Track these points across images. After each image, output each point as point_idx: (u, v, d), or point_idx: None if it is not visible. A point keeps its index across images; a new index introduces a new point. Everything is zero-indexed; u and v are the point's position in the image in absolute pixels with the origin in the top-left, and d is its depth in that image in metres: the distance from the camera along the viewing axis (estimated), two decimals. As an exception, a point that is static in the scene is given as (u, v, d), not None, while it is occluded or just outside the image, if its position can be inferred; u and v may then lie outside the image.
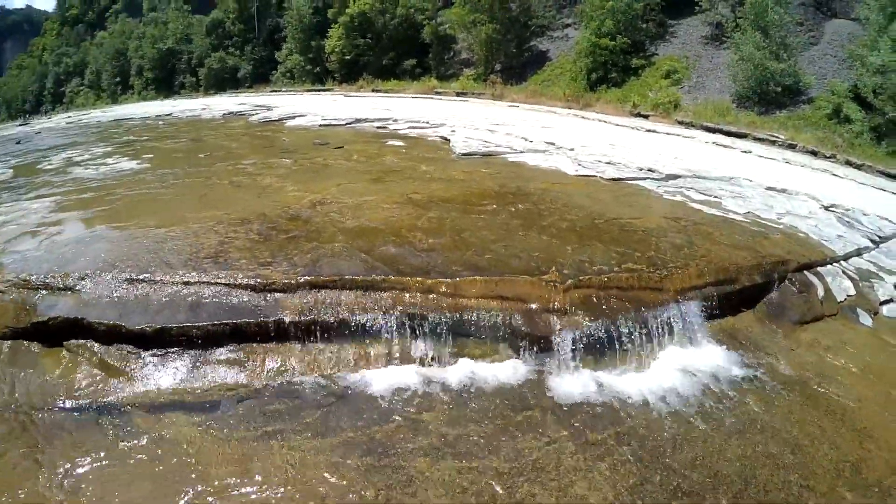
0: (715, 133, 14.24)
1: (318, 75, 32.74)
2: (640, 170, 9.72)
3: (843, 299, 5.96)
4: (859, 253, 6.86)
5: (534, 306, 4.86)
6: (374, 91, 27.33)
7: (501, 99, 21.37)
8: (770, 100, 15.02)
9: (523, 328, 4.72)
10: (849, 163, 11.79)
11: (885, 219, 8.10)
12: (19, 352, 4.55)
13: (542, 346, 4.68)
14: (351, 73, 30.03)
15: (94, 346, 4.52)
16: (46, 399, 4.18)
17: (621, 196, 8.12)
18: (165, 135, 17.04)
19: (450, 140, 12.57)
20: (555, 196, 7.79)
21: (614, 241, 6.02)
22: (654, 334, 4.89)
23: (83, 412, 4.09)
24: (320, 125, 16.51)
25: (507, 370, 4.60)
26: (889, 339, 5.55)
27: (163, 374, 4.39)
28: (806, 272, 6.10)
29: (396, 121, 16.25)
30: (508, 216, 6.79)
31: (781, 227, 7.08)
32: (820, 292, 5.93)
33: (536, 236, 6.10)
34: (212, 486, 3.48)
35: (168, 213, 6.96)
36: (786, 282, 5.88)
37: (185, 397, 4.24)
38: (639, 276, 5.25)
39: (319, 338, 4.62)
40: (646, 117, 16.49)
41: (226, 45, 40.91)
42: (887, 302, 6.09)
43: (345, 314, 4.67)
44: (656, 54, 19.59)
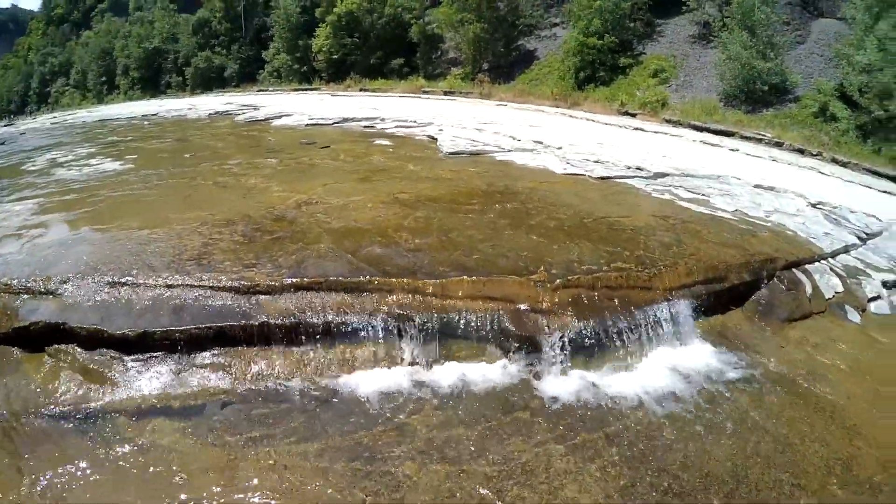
0: (702, 131, 14.25)
1: (305, 74, 32.50)
2: (629, 168, 9.71)
3: (831, 296, 5.97)
4: (847, 250, 6.88)
5: (522, 306, 4.82)
6: (361, 90, 27.19)
7: (489, 98, 21.31)
8: (757, 98, 15.07)
9: (512, 329, 4.67)
10: (835, 160, 11.84)
11: (872, 216, 8.13)
12: (0, 358, 4.44)
13: (530, 347, 4.63)
14: (338, 73, 29.83)
15: (77, 352, 4.43)
16: (28, 406, 4.08)
17: (609, 194, 8.11)
18: (150, 135, 16.88)
19: (437, 139, 12.51)
20: (543, 195, 7.76)
21: (603, 240, 5.99)
22: (643, 334, 4.87)
23: (66, 419, 4.00)
24: (307, 124, 16.40)
25: (496, 371, 4.56)
26: (877, 335, 5.57)
27: (146, 380, 4.30)
28: (794, 270, 6.11)
29: (384, 120, 16.18)
30: (496, 215, 6.75)
31: (769, 224, 7.09)
32: (808, 290, 5.94)
33: (524, 235, 6.06)
34: (197, 494, 3.41)
35: (151, 214, 6.88)
36: (774, 279, 5.89)
37: (168, 403, 4.16)
38: (628, 275, 5.22)
39: (305, 341, 4.55)
40: (633, 116, 16.50)
41: (212, 45, 40.49)
42: (875, 299, 6.11)
43: (330, 316, 4.61)
44: (644, 53, 19.62)
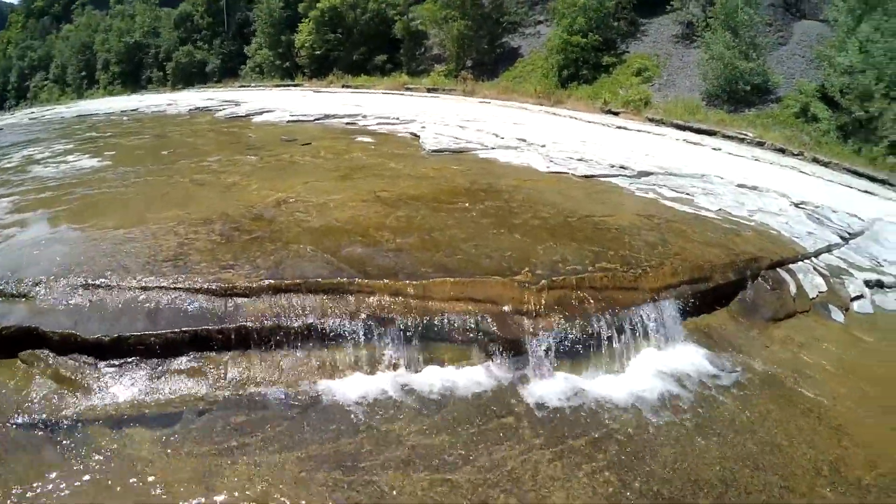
0: (685, 130, 14.28)
1: (287, 70, 32.16)
2: (612, 167, 9.69)
3: (814, 296, 5.97)
4: (830, 249, 6.91)
5: (506, 308, 4.74)
6: (344, 87, 26.90)
7: (473, 95, 21.20)
8: (739, 98, 15.13)
9: (496, 331, 4.59)
10: (816, 160, 11.92)
11: (854, 215, 8.19)
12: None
13: (515, 350, 4.55)
14: (321, 69, 29.54)
15: (50, 357, 4.26)
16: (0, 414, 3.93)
17: (593, 193, 8.07)
18: (129, 131, 16.53)
19: (420, 136, 12.40)
20: (526, 193, 7.69)
21: (587, 240, 5.94)
22: (629, 335, 4.81)
23: (39, 428, 3.85)
24: (288, 121, 16.18)
25: (480, 375, 4.46)
26: (861, 334, 5.58)
27: (121, 386, 4.15)
28: (778, 269, 6.11)
29: (366, 117, 16.02)
30: (479, 214, 6.67)
31: (753, 224, 7.09)
32: (792, 289, 5.93)
33: (508, 235, 5.99)
34: (172, 505, 3.28)
35: (128, 213, 6.72)
36: (759, 279, 5.88)
37: (144, 410, 4.02)
38: (613, 275, 5.17)
39: (283, 345, 4.42)
40: (616, 114, 16.50)
41: (194, 39, 39.83)
42: (858, 298, 6.13)
43: (310, 319, 4.48)
44: (627, 52, 19.62)
